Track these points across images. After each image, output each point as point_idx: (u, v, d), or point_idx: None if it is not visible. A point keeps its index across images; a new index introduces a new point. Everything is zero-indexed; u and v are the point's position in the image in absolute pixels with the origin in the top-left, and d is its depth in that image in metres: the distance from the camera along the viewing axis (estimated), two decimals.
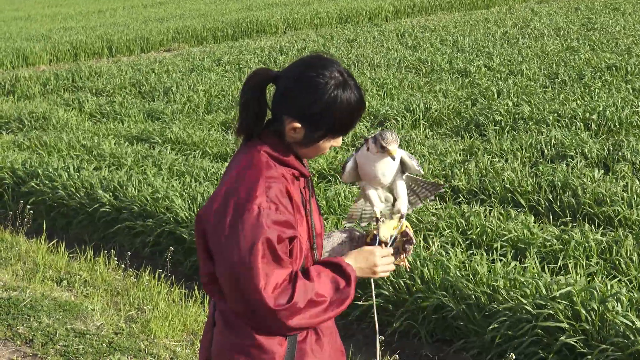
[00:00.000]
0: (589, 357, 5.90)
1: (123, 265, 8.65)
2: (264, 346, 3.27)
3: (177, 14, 40.25)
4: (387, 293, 7.20)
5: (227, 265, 3.21)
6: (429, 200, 4.25)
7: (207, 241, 3.35)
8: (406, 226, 3.87)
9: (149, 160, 11.92)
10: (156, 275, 8.25)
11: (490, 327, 6.40)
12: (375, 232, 3.83)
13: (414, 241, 3.86)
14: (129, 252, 8.91)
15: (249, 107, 3.35)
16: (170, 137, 13.55)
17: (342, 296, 3.36)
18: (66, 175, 11.03)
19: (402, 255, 3.79)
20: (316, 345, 3.43)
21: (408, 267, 3.92)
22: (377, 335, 4.07)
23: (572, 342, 6.02)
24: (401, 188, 3.96)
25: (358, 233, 3.96)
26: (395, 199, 3.99)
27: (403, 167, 3.95)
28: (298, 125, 3.28)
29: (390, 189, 3.99)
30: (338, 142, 3.42)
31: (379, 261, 3.61)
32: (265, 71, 3.37)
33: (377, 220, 3.92)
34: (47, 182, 10.98)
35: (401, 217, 3.92)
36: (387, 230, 3.83)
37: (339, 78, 3.28)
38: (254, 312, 3.21)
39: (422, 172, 3.95)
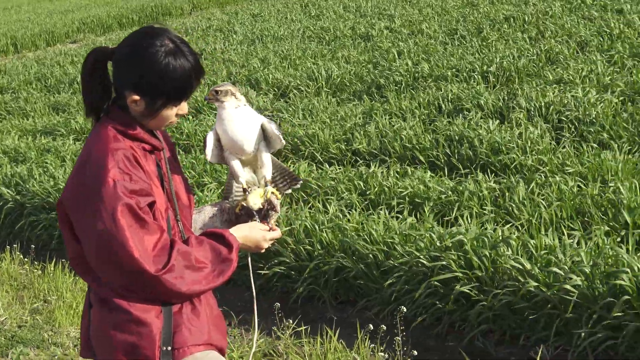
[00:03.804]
0: (484, 303, 6.00)
1: (29, 259, 8.59)
2: (140, 320, 3.27)
3: (82, 4, 39.66)
4: (288, 260, 7.25)
5: (95, 241, 3.20)
6: (285, 192, 4.27)
7: (71, 223, 3.34)
8: (272, 193, 3.89)
9: (52, 153, 11.80)
10: (60, 266, 8.20)
11: (387, 282, 6.48)
12: (243, 202, 3.85)
13: (279, 209, 3.87)
14: (33, 246, 8.87)
15: (91, 87, 3.36)
16: (75, 128, 13.43)
17: (225, 263, 3.38)
18: None
19: (266, 223, 3.80)
20: (192, 314, 3.43)
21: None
22: (255, 302, 4.10)
23: (467, 291, 6.12)
24: (265, 157, 3.97)
25: (228, 205, 3.97)
26: (260, 170, 4.01)
27: (265, 136, 3.96)
28: (137, 97, 3.29)
29: (254, 166, 4.01)
30: (183, 108, 3.42)
31: (267, 235, 3.67)
32: (101, 49, 3.38)
33: (244, 190, 3.94)
34: None
35: (266, 184, 3.95)
36: (255, 198, 3.85)
37: (169, 46, 3.28)
38: (134, 281, 3.20)
39: (283, 140, 3.96)
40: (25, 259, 8.72)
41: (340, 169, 9.11)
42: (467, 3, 18.86)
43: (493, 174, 8.32)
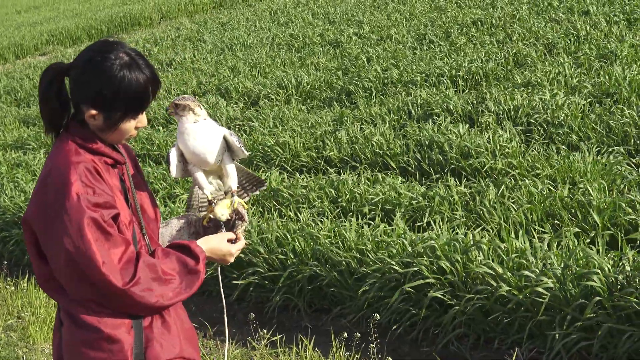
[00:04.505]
0: (457, 307, 6.03)
1: (1, 275, 8.56)
2: (112, 337, 3.26)
3: (50, 16, 39.47)
4: (262, 270, 7.26)
5: (62, 256, 3.19)
6: (252, 194, 4.29)
7: (38, 240, 3.33)
8: (238, 202, 3.90)
9: (23, 167, 11.77)
10: (33, 282, 8.16)
11: (361, 290, 6.49)
12: (211, 214, 3.86)
13: (247, 218, 3.89)
14: (5, 262, 8.83)
15: (49, 104, 3.35)
16: (46, 142, 13.40)
17: (192, 275, 3.39)
18: None
19: (236, 232, 3.82)
20: (163, 328, 3.43)
21: (246, 244, 3.94)
22: (225, 313, 4.11)
23: (440, 296, 6.15)
24: (230, 168, 3.98)
25: (195, 217, 3.98)
26: (225, 180, 4.02)
27: (228, 147, 3.97)
28: (94, 111, 3.29)
29: (220, 174, 4.02)
30: (142, 121, 3.42)
31: (233, 249, 3.68)
32: (57, 65, 3.37)
33: (209, 202, 3.94)
34: None
35: (232, 195, 3.96)
36: (222, 209, 3.86)
37: (124, 59, 3.29)
38: (102, 295, 3.20)
39: (245, 151, 3.96)
40: None
41: (311, 176, 9.15)
42: (434, 7, 18.90)
43: (464, 179, 8.36)
